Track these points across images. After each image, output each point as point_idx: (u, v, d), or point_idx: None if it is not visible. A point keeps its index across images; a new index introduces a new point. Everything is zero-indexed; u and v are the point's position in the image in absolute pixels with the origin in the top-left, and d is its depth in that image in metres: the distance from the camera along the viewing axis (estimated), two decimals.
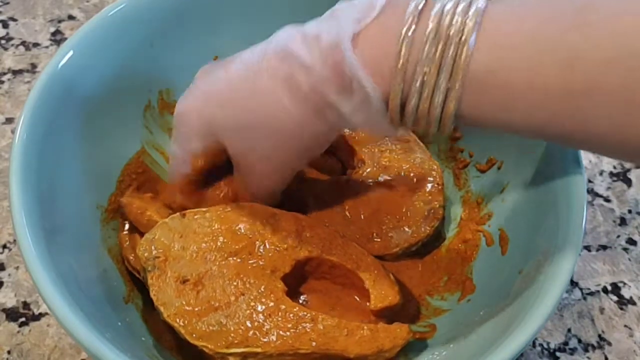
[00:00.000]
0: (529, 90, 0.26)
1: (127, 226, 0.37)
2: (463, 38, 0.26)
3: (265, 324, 0.31)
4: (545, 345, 0.40)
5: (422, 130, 0.29)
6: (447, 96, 0.27)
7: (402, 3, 0.28)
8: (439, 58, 0.26)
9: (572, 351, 0.40)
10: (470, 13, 0.26)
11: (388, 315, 0.35)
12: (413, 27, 0.27)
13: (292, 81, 0.29)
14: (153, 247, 0.33)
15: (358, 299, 0.36)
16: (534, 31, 0.25)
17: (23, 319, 0.39)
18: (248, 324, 0.31)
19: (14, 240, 0.42)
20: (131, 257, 0.35)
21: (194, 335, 0.31)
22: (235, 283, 0.33)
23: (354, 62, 0.27)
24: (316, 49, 0.29)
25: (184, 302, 0.32)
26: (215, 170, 0.37)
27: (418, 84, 0.27)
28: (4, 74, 0.51)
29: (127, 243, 0.36)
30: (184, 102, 0.34)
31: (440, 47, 0.26)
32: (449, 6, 0.27)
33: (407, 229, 0.39)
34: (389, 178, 0.40)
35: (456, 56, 0.26)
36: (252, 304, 0.32)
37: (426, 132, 0.29)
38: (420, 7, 0.27)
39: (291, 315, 0.32)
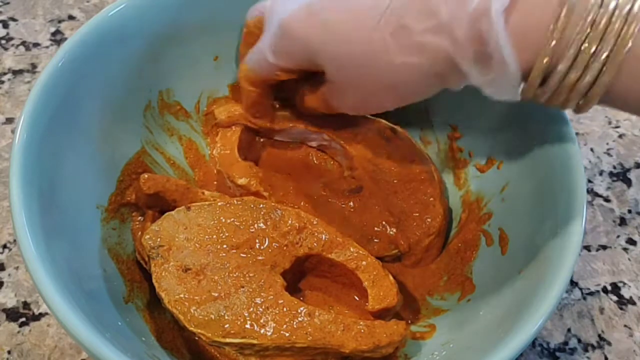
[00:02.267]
0: None
1: (140, 218, 0.38)
2: (634, 9, 0.25)
3: (263, 316, 0.32)
4: (545, 345, 0.40)
5: (556, 104, 0.28)
6: (604, 68, 0.26)
7: None
8: (603, 28, 0.25)
9: (572, 351, 0.40)
10: None
11: (387, 316, 0.35)
12: None
13: (422, 41, 0.28)
14: (158, 237, 0.34)
15: (357, 299, 0.36)
16: None
17: (23, 319, 0.39)
18: (246, 315, 0.32)
19: (14, 240, 0.42)
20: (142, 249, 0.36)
21: (192, 323, 0.32)
22: (235, 275, 0.33)
23: (503, 37, 0.26)
24: (461, 10, 0.27)
25: (185, 290, 0.32)
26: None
27: (572, 51, 0.26)
28: (4, 74, 0.51)
29: (140, 234, 0.37)
30: (294, 13, 0.32)
31: (606, 16, 0.25)
32: None
33: (406, 232, 0.39)
34: (388, 181, 0.40)
35: (622, 28, 0.25)
36: (251, 296, 0.33)
37: (560, 106, 0.28)
38: None
39: (288, 309, 0.32)
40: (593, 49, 0.26)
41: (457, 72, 0.28)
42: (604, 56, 0.25)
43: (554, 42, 0.26)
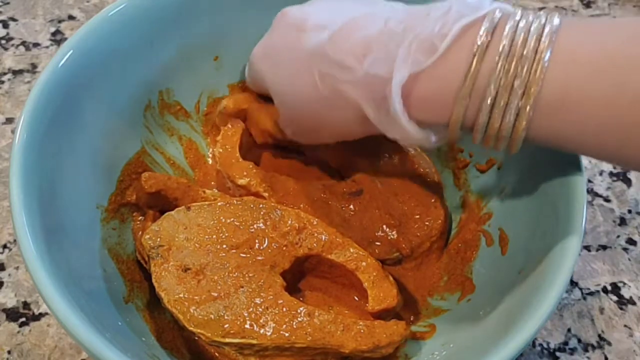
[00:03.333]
0: (604, 110, 0.25)
1: (140, 217, 0.38)
2: (537, 57, 0.26)
3: (262, 316, 0.32)
4: (545, 345, 0.40)
5: (490, 147, 0.29)
6: (519, 116, 0.27)
7: (475, 29, 0.27)
8: (511, 77, 0.26)
9: (572, 351, 0.40)
10: (546, 32, 0.26)
11: (387, 316, 0.35)
12: (485, 44, 0.27)
13: (342, 89, 0.31)
14: (158, 237, 0.34)
15: (357, 299, 0.36)
16: (615, 50, 0.25)
17: (23, 319, 0.39)
18: (245, 315, 0.32)
19: (14, 240, 0.42)
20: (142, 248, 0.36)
21: (192, 323, 0.32)
22: (235, 275, 0.33)
23: (395, 98, 0.28)
24: (368, 67, 0.29)
25: (185, 290, 0.32)
26: None
27: (489, 102, 0.27)
28: (4, 74, 0.51)
29: (141, 233, 0.37)
30: (256, 48, 0.38)
31: (513, 65, 0.26)
32: (522, 23, 0.27)
33: (408, 235, 0.39)
34: (388, 183, 0.40)
35: (530, 75, 0.26)
36: (251, 296, 0.33)
37: (493, 149, 0.30)
38: (494, 25, 0.27)
39: (288, 309, 0.32)
40: (504, 100, 0.27)
41: (371, 124, 0.31)
42: (514, 105, 0.27)
43: (467, 91, 0.27)
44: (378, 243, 0.38)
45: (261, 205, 0.36)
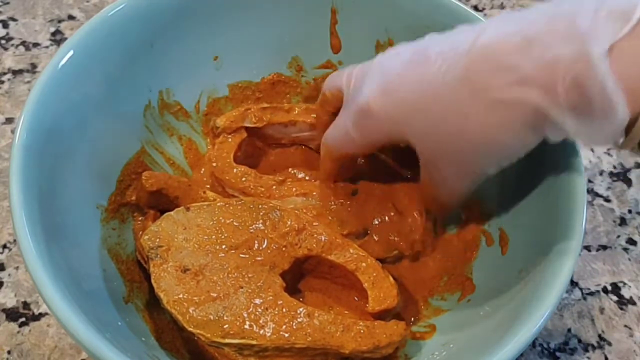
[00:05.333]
0: None
1: (141, 218, 0.38)
2: None
3: (262, 317, 0.32)
4: (545, 345, 0.40)
5: None
6: None
7: None
8: None
9: (572, 351, 0.40)
10: None
11: (387, 317, 0.35)
12: None
13: (504, 97, 0.27)
14: (157, 237, 0.34)
15: (357, 300, 0.36)
16: None
17: (23, 319, 0.39)
18: (245, 315, 0.32)
19: (14, 240, 0.42)
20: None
21: (191, 323, 0.31)
22: (234, 276, 0.33)
23: (609, 81, 0.24)
24: (537, 56, 0.25)
25: (184, 290, 0.32)
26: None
27: None
28: (4, 74, 0.51)
29: (141, 233, 0.37)
30: (371, 94, 0.32)
31: None
32: None
33: (407, 233, 0.39)
34: (384, 182, 0.40)
35: None
36: (250, 297, 0.33)
37: None
38: None
39: (288, 309, 0.32)
40: None
41: (551, 124, 0.27)
42: None
43: None
44: (376, 237, 0.38)
45: (260, 206, 0.36)
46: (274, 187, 0.39)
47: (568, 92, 0.25)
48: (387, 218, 0.39)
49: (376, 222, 0.39)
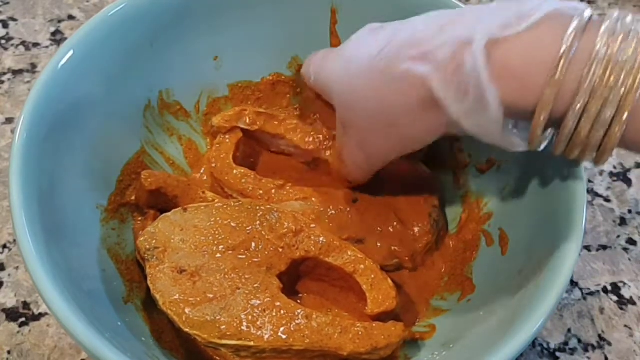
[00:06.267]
0: None
1: (141, 218, 0.38)
2: (637, 65, 0.23)
3: (259, 318, 0.32)
4: (545, 345, 0.40)
5: (572, 158, 0.27)
6: (611, 125, 0.25)
7: (562, 19, 0.25)
8: (605, 85, 0.24)
9: (572, 351, 0.40)
10: None
11: (386, 319, 0.35)
12: (576, 44, 0.24)
13: (406, 68, 0.28)
14: (154, 239, 0.34)
15: (356, 302, 0.36)
16: None
17: (23, 319, 0.39)
18: (242, 317, 0.32)
19: (14, 240, 0.42)
20: None
21: (188, 324, 0.31)
22: (231, 277, 0.33)
23: (480, 66, 0.25)
24: (442, 38, 0.27)
25: (180, 291, 0.32)
26: None
27: (577, 109, 0.25)
28: (4, 74, 0.51)
29: (141, 233, 0.37)
30: (315, 56, 0.37)
31: (608, 72, 0.24)
32: (619, 26, 0.24)
33: (409, 244, 0.39)
34: (384, 191, 0.40)
35: (628, 85, 0.24)
36: (247, 298, 0.33)
37: (578, 159, 0.27)
38: (584, 24, 0.25)
39: (286, 311, 0.32)
40: (596, 108, 0.24)
41: (436, 102, 0.28)
42: (607, 115, 0.24)
43: (553, 93, 0.25)
44: (379, 244, 0.38)
45: (258, 207, 0.36)
46: (273, 190, 0.39)
47: (452, 72, 0.26)
48: (390, 228, 0.39)
49: (378, 230, 0.38)
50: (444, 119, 0.28)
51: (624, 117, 0.24)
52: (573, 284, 0.43)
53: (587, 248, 0.45)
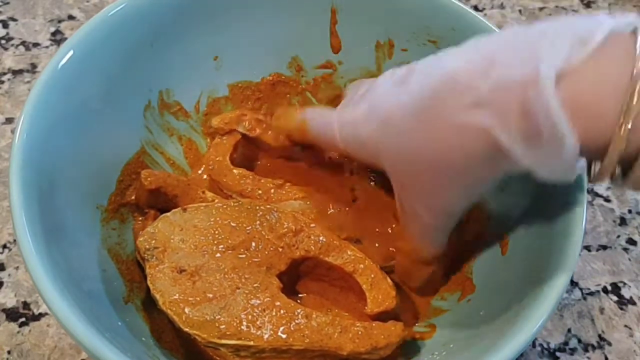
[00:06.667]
0: None
1: (141, 218, 0.38)
2: None
3: (259, 318, 0.32)
4: (545, 345, 0.40)
5: (624, 187, 0.25)
6: None
7: (625, 36, 0.23)
8: None
9: (572, 351, 0.40)
10: None
11: (386, 318, 0.35)
12: None
13: (461, 120, 0.25)
14: (153, 239, 0.34)
15: (355, 302, 0.36)
16: None
17: (23, 319, 0.39)
18: (242, 317, 0.32)
19: (14, 240, 0.42)
20: None
21: (187, 324, 0.31)
22: (231, 277, 0.33)
23: (555, 108, 0.22)
24: (494, 77, 0.24)
25: (180, 291, 0.32)
26: None
27: None
28: (4, 74, 0.51)
29: (141, 233, 0.37)
30: (354, 114, 0.32)
31: None
32: None
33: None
34: (389, 196, 0.40)
35: None
36: (247, 298, 0.33)
37: (629, 188, 0.25)
38: None
39: (285, 311, 0.32)
40: None
41: (505, 151, 0.25)
42: None
43: (627, 125, 0.22)
44: (377, 244, 0.38)
45: (258, 207, 0.36)
46: (272, 190, 0.39)
47: (518, 118, 0.24)
48: (389, 229, 0.39)
49: (377, 231, 0.38)
50: (512, 164, 0.26)
51: None
52: (573, 284, 0.43)
53: (587, 248, 0.45)
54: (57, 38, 0.53)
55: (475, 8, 0.59)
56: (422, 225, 0.33)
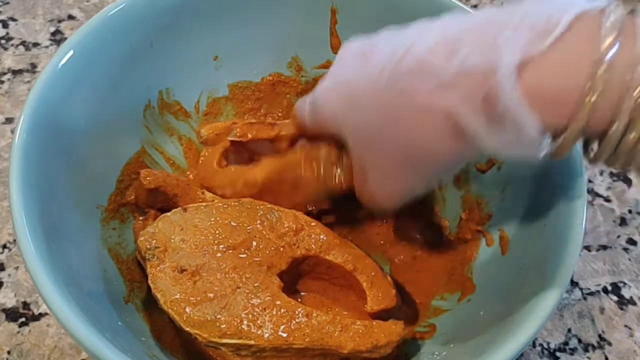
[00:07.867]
0: None
1: (141, 218, 0.38)
2: None
3: (260, 317, 0.32)
4: (545, 345, 0.40)
5: (614, 166, 0.25)
6: None
7: (593, 19, 0.23)
8: None
9: (572, 351, 0.40)
10: None
11: (386, 317, 0.35)
12: (615, 48, 0.22)
13: (427, 101, 0.26)
14: (154, 239, 0.34)
15: (356, 300, 0.36)
16: None
17: (23, 319, 0.39)
18: (242, 316, 0.32)
19: (14, 240, 0.42)
20: None
21: (188, 323, 0.31)
22: (231, 276, 0.33)
23: (514, 98, 0.23)
24: (457, 62, 0.25)
25: (181, 291, 0.32)
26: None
27: (622, 118, 0.23)
28: (4, 74, 0.51)
29: (141, 233, 0.37)
30: (324, 88, 0.33)
31: None
32: None
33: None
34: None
35: None
36: (248, 297, 0.33)
37: (620, 167, 0.26)
38: (620, 21, 0.23)
39: (286, 310, 0.32)
40: None
41: (469, 134, 0.26)
42: None
43: (593, 99, 0.23)
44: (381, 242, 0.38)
45: (258, 207, 0.36)
46: None
47: (481, 102, 0.25)
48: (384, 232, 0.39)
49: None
50: (477, 148, 0.27)
51: None
52: (573, 284, 0.43)
53: (587, 248, 0.45)
54: (57, 38, 0.53)
55: (475, 8, 0.59)
56: (378, 199, 0.33)
